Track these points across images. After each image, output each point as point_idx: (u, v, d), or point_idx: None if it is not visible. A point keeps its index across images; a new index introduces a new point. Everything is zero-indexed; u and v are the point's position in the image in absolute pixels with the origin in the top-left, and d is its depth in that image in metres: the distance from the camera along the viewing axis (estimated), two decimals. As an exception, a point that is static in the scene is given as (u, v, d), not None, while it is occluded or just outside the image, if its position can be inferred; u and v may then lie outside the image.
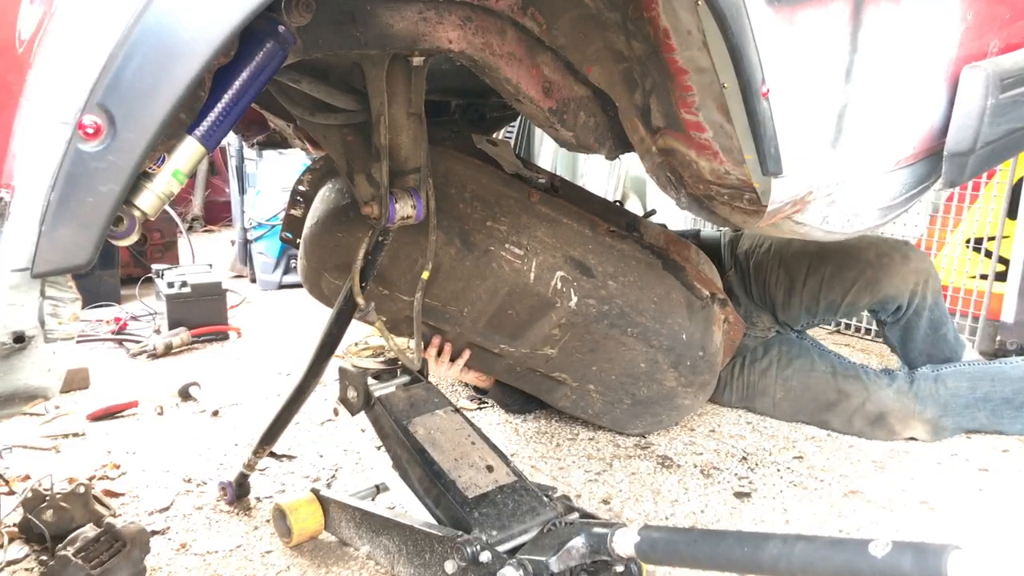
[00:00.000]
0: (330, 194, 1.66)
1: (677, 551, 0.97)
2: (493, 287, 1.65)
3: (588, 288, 1.69)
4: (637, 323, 1.74)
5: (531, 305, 1.69)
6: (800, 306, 2.07)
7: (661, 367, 1.80)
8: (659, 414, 1.92)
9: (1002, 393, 1.91)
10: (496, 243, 1.62)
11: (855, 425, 1.95)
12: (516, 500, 1.27)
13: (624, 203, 3.81)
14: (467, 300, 1.67)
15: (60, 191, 0.69)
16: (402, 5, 1.00)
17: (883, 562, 0.78)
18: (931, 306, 2.01)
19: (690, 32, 1.04)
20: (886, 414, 1.91)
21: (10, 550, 1.45)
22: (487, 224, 1.62)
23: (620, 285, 1.72)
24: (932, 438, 1.91)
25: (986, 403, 1.91)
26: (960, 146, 1.45)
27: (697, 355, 1.82)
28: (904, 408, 1.91)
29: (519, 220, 1.66)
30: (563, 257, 1.68)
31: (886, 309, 2.02)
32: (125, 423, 2.14)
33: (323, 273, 1.68)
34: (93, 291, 3.33)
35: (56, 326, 0.76)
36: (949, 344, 2.07)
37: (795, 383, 2.01)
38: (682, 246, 1.95)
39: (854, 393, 1.94)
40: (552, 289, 1.67)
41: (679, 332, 1.78)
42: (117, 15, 0.69)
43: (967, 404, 1.91)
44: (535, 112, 1.22)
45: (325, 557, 1.45)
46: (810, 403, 2.00)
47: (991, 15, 1.52)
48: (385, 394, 1.44)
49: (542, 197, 1.72)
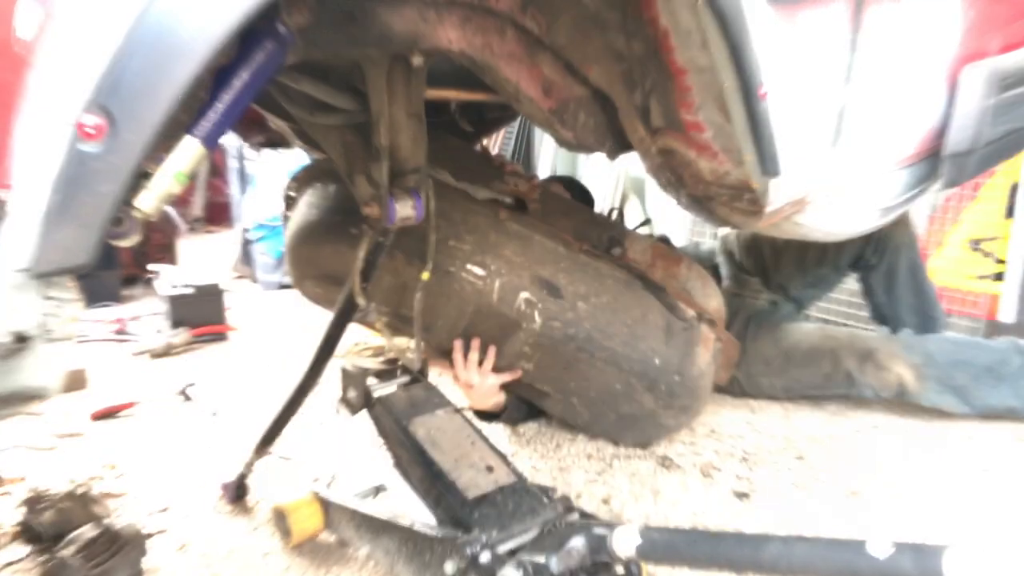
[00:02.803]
0: (304, 207, 1.68)
1: (677, 551, 0.97)
2: (459, 305, 1.62)
3: (554, 310, 1.62)
4: (606, 347, 1.66)
5: (499, 323, 1.64)
6: (791, 262, 2.17)
7: (636, 389, 1.73)
8: (646, 430, 1.88)
9: (984, 361, 1.96)
10: (457, 263, 1.58)
11: (844, 363, 1.99)
12: (516, 501, 1.27)
13: (624, 203, 3.81)
14: (438, 314, 1.63)
15: (60, 191, 0.69)
16: (402, 5, 1.00)
17: (883, 562, 0.78)
18: (909, 243, 2.12)
19: (690, 32, 1.04)
20: (874, 351, 1.98)
21: (9, 550, 1.45)
22: (449, 243, 1.57)
23: (590, 307, 1.65)
24: (918, 384, 1.96)
25: (968, 366, 1.95)
26: (960, 146, 1.45)
27: (673, 379, 1.73)
28: (890, 347, 1.98)
29: (486, 238, 1.60)
30: (530, 277, 1.61)
31: (870, 241, 2.09)
32: (125, 423, 2.14)
33: (304, 281, 1.74)
34: (93, 291, 3.33)
35: (56, 326, 0.76)
36: (929, 298, 2.17)
37: (784, 341, 2.07)
38: (671, 262, 1.87)
39: (841, 336, 2.03)
40: (516, 310, 1.61)
41: (651, 357, 1.70)
42: (117, 15, 0.69)
43: (950, 362, 1.95)
44: (535, 112, 1.22)
45: (325, 557, 1.45)
46: (799, 354, 2.05)
47: (991, 15, 1.52)
48: (385, 394, 1.44)
49: (511, 215, 1.66)
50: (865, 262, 2.16)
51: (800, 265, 2.18)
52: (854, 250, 2.13)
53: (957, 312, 2.47)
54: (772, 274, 2.21)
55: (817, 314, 2.84)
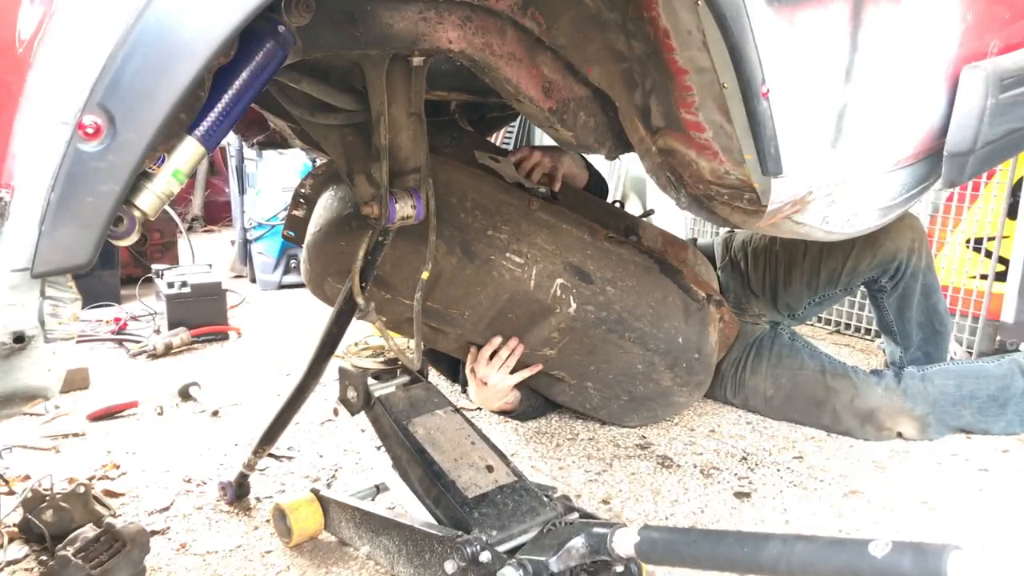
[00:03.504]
0: (332, 201, 1.67)
1: (677, 551, 0.97)
2: (494, 294, 1.67)
3: (587, 295, 1.71)
4: (635, 328, 1.76)
5: (531, 311, 1.71)
6: (801, 281, 2.11)
7: (657, 368, 1.83)
8: (655, 409, 1.98)
9: (987, 391, 1.92)
10: (497, 252, 1.64)
11: (844, 422, 1.95)
12: (516, 500, 1.27)
13: (624, 203, 3.81)
14: (468, 304, 1.69)
15: (60, 191, 0.69)
16: (402, 5, 1.00)
17: (883, 562, 0.78)
18: (925, 268, 2.05)
19: (690, 32, 1.04)
20: (875, 410, 1.92)
21: (10, 550, 1.45)
22: (488, 233, 1.63)
23: (618, 290, 1.74)
24: (920, 435, 1.91)
25: (972, 400, 1.92)
26: (960, 146, 1.45)
27: (693, 357, 1.85)
28: (893, 404, 1.92)
29: (519, 228, 1.67)
30: (562, 264, 1.70)
31: (886, 271, 2.03)
32: (125, 423, 2.14)
33: (326, 278, 1.71)
34: (93, 291, 3.33)
35: (56, 326, 0.76)
36: (940, 315, 2.12)
37: (785, 380, 2.03)
38: (679, 247, 1.97)
39: (843, 390, 1.95)
40: (552, 296, 1.69)
41: (675, 335, 1.81)
42: (117, 15, 0.69)
43: (954, 402, 1.92)
44: (535, 112, 1.22)
45: (325, 557, 1.45)
46: (800, 400, 2.01)
47: (991, 15, 1.52)
48: (385, 394, 1.44)
49: (542, 205, 1.74)
50: (880, 286, 2.08)
51: (811, 285, 2.10)
52: (868, 273, 2.05)
53: (958, 312, 2.47)
54: (781, 292, 2.13)
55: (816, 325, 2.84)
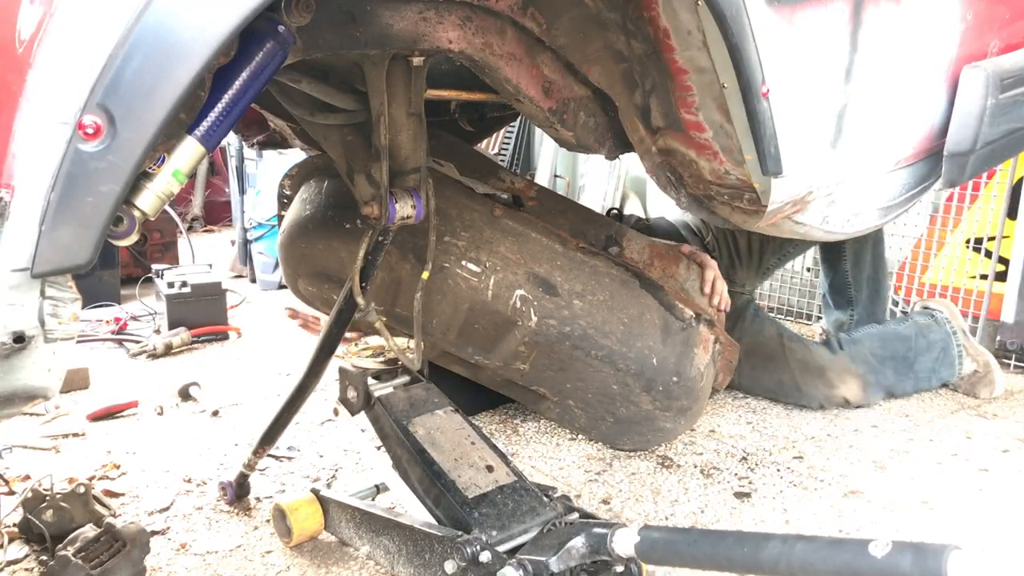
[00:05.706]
0: (298, 204, 1.68)
1: (677, 551, 0.97)
2: (453, 303, 1.61)
3: (550, 307, 1.62)
4: (602, 346, 1.65)
5: (494, 322, 1.63)
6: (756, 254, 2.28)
7: (633, 390, 1.70)
8: (644, 434, 1.84)
9: (900, 351, 2.15)
10: (452, 259, 1.58)
11: (797, 377, 2.12)
12: (516, 500, 1.27)
13: (624, 203, 3.81)
14: (433, 313, 1.63)
15: (60, 191, 0.69)
16: (402, 5, 1.00)
17: (883, 562, 0.78)
18: None
19: (690, 32, 1.05)
20: (824, 368, 2.11)
21: (10, 550, 1.45)
22: (444, 239, 1.56)
23: (587, 304, 1.64)
24: (862, 397, 2.11)
25: (891, 360, 2.14)
26: (960, 146, 1.45)
27: (671, 380, 1.70)
28: (840, 363, 2.11)
29: (481, 235, 1.60)
30: (525, 274, 1.61)
31: None
32: (125, 423, 2.14)
33: (298, 279, 1.73)
34: (93, 291, 3.32)
35: (56, 326, 0.76)
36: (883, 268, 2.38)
37: (747, 340, 2.14)
38: (669, 261, 1.84)
39: (797, 350, 2.15)
40: (511, 308, 1.61)
41: (648, 356, 1.67)
42: (117, 15, 0.69)
43: (880, 360, 2.13)
44: (535, 112, 1.22)
45: (325, 557, 1.45)
46: (759, 358, 2.16)
47: (991, 15, 1.52)
48: (385, 394, 1.44)
49: (506, 211, 1.65)
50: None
51: (760, 257, 2.29)
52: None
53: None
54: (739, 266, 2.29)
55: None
